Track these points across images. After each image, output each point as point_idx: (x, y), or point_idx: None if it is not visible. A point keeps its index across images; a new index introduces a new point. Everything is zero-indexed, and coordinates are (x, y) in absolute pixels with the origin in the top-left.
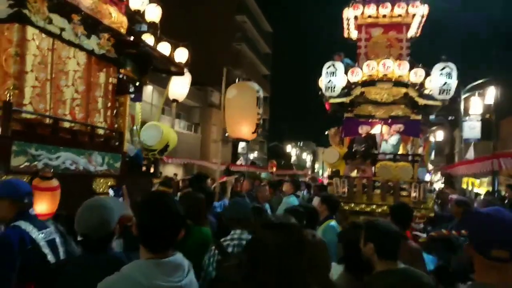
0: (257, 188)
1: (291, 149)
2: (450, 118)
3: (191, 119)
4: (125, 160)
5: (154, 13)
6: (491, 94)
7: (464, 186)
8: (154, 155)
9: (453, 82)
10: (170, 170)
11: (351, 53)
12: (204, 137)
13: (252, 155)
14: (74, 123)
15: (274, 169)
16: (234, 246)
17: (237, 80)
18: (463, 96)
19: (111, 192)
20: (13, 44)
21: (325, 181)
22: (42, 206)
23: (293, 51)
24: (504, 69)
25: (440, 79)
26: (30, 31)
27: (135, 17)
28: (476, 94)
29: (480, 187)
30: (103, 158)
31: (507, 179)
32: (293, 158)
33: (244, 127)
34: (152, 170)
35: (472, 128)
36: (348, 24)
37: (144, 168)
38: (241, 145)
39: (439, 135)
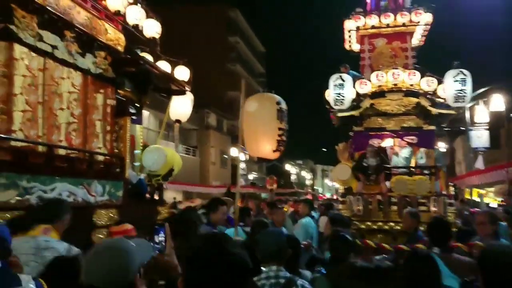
0: (272, 211)
1: (290, 168)
2: (460, 128)
3: (189, 142)
4: (128, 188)
5: (153, 29)
6: (498, 101)
7: (467, 196)
8: (158, 180)
9: (469, 89)
10: (169, 195)
11: (352, 66)
12: (202, 160)
13: (252, 176)
14: (71, 150)
15: (275, 186)
16: (271, 286)
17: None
18: (466, 106)
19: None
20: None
21: (334, 198)
22: None
23: (287, 69)
24: (507, 75)
25: (455, 86)
26: (18, 49)
27: (132, 33)
28: (481, 102)
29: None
30: (103, 187)
31: None
32: (293, 177)
33: (263, 144)
34: (156, 197)
35: (479, 136)
36: (349, 36)
37: (148, 196)
38: (241, 166)
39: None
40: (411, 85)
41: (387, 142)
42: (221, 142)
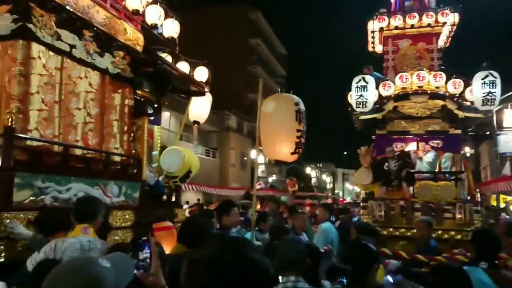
0: (293, 216)
1: (310, 171)
2: (486, 132)
3: (209, 144)
4: (145, 190)
5: (172, 29)
6: None
7: (493, 203)
8: (175, 182)
9: (498, 91)
10: (188, 196)
11: (375, 68)
12: (222, 162)
13: (271, 178)
14: (87, 150)
15: (296, 186)
16: None
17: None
18: (495, 109)
19: (146, 249)
20: (16, 63)
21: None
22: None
23: (308, 72)
24: None
25: (483, 89)
26: (36, 48)
27: (151, 33)
28: (510, 106)
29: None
30: (120, 188)
31: None
32: (313, 180)
33: (281, 146)
34: (174, 199)
35: (507, 141)
36: (373, 37)
37: (165, 197)
38: (261, 168)
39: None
40: (437, 87)
41: (411, 146)
42: (241, 144)
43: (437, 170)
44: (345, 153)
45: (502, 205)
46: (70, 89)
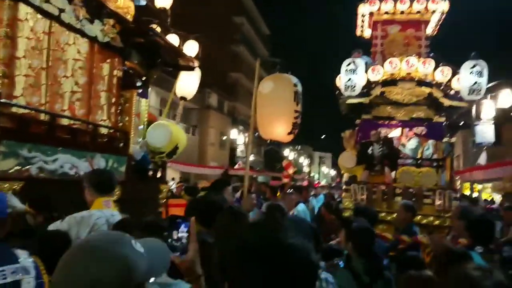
0: (282, 196)
1: (288, 153)
2: (464, 122)
3: (188, 121)
4: (131, 164)
5: None
6: (506, 97)
7: (466, 191)
8: (162, 158)
9: (484, 81)
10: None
11: (363, 53)
12: (201, 140)
13: (248, 158)
14: (74, 120)
15: (291, 170)
16: None
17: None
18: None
19: (182, 228)
20: (3, 24)
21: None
22: None
23: (292, 54)
24: None
25: (470, 78)
26: (23, 9)
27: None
28: (489, 97)
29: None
30: (106, 161)
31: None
32: None
33: (278, 126)
34: (159, 175)
35: (485, 132)
36: (362, 21)
37: (150, 173)
38: (240, 148)
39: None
40: (425, 74)
41: (395, 132)
42: (221, 123)
43: (419, 156)
44: (323, 136)
45: (476, 194)
46: (58, 56)
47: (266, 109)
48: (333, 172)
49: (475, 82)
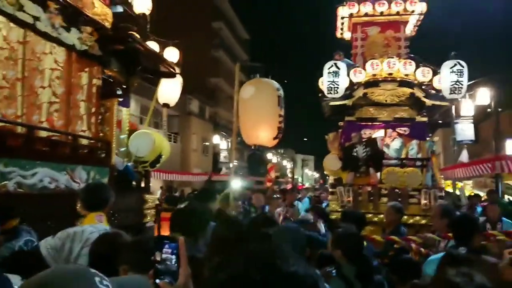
0: (268, 201)
1: (272, 157)
2: (443, 120)
3: (170, 129)
4: (113, 175)
5: (143, 4)
6: (484, 95)
7: (447, 188)
8: (145, 167)
9: (465, 80)
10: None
11: (343, 55)
12: (184, 147)
13: (231, 164)
14: (53, 132)
15: (273, 174)
16: None
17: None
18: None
19: (166, 249)
20: None
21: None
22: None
23: (270, 57)
24: (498, 68)
25: (451, 77)
26: None
27: (121, 8)
28: (467, 95)
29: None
30: (88, 173)
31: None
32: None
33: (263, 131)
34: (143, 184)
35: (464, 130)
36: (342, 23)
37: (134, 183)
38: (223, 154)
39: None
40: (406, 75)
41: (379, 133)
42: (203, 129)
43: (403, 156)
44: (305, 139)
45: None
46: (33, 66)
47: (249, 115)
48: (316, 174)
49: (456, 81)
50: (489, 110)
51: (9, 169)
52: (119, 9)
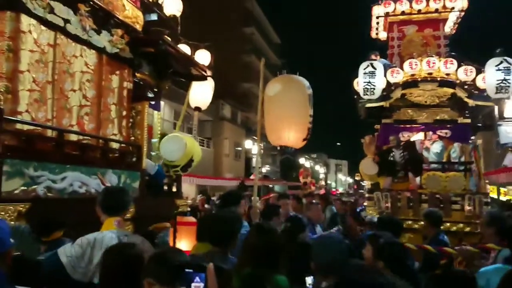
0: (308, 207)
1: (304, 162)
2: (487, 122)
3: (202, 134)
4: (145, 179)
5: (174, 7)
6: None
7: (492, 194)
8: (176, 171)
9: None
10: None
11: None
12: (216, 152)
13: (264, 169)
14: (83, 136)
15: (309, 178)
16: None
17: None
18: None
19: (196, 283)
20: (4, 37)
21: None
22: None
23: (303, 61)
24: None
25: (497, 75)
26: (26, 21)
27: (152, 10)
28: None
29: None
30: (118, 177)
31: None
32: None
33: (292, 132)
34: (174, 189)
35: (509, 132)
36: (377, 23)
37: (165, 188)
38: (255, 158)
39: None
40: (447, 74)
41: (418, 136)
42: (235, 134)
43: (445, 160)
44: (338, 143)
45: (502, 197)
46: (64, 69)
47: (275, 113)
48: (350, 180)
49: (503, 79)
50: None
51: (39, 173)
52: (153, 17)
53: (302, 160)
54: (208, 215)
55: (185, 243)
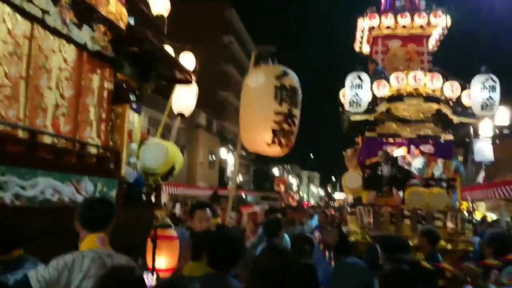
0: (324, 232)
1: (278, 172)
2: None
3: (177, 141)
4: (123, 188)
5: (161, 5)
6: (503, 114)
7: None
8: (156, 180)
9: (497, 96)
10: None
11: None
12: (190, 160)
13: (238, 179)
14: (58, 138)
15: (282, 187)
16: None
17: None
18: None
19: None
20: None
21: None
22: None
23: None
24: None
25: (483, 93)
26: (0, 8)
27: (137, 7)
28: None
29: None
30: (95, 185)
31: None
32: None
33: (255, 134)
34: (153, 199)
35: (484, 150)
36: (361, 36)
37: (144, 197)
38: (230, 168)
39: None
40: (433, 90)
41: (399, 151)
42: (210, 142)
43: (427, 176)
44: (311, 155)
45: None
46: (40, 64)
47: (246, 112)
48: (321, 192)
49: (488, 97)
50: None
51: (6, 178)
52: (139, 15)
53: (275, 171)
54: (207, 232)
55: (165, 260)
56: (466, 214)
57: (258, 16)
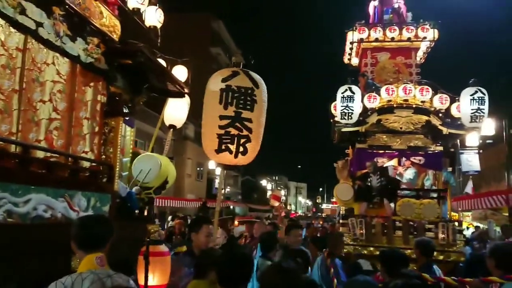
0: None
1: (266, 184)
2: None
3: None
4: (116, 202)
5: (154, 17)
6: (489, 125)
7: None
8: (149, 194)
9: (486, 108)
10: None
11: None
12: (178, 172)
13: (226, 190)
14: (52, 153)
15: (277, 203)
16: None
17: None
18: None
19: None
20: None
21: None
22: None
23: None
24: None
25: (472, 105)
26: None
27: (131, 19)
28: None
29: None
30: (88, 200)
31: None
32: (269, 193)
33: (207, 142)
34: (146, 213)
35: (470, 160)
36: (351, 49)
37: (137, 212)
38: (217, 179)
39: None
40: (423, 102)
41: (391, 162)
42: (198, 154)
43: (418, 187)
44: (299, 166)
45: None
46: (33, 77)
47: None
48: (309, 202)
49: (478, 109)
50: (488, 141)
51: None
52: (132, 27)
53: (263, 182)
54: (212, 250)
55: (158, 277)
56: (457, 224)
57: (246, 27)
